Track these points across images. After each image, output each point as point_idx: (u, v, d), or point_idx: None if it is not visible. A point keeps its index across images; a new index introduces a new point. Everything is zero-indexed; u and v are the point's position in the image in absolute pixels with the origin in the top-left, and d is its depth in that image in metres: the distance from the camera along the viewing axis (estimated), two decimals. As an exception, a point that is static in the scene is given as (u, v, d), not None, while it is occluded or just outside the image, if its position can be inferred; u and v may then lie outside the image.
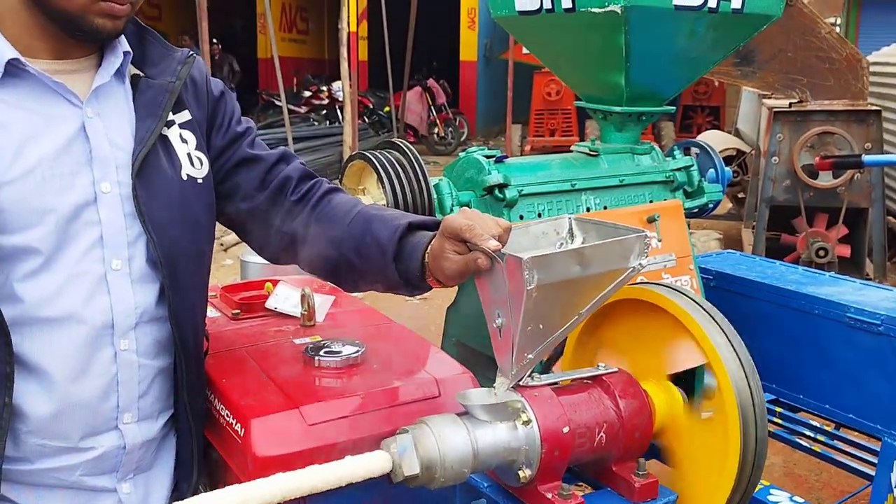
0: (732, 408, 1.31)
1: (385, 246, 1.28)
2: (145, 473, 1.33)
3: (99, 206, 1.19)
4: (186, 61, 1.33)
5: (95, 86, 1.22)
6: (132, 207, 1.22)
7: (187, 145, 1.31)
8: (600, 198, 2.31)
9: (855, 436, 2.79)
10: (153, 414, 1.31)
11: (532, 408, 1.22)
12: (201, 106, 1.36)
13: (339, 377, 1.46)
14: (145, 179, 1.23)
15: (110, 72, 1.25)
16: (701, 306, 1.38)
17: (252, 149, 1.42)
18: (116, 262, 1.21)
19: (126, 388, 1.24)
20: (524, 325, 1.18)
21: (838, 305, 2.23)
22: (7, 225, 1.12)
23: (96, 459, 1.23)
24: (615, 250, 1.19)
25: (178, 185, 1.28)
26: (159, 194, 1.24)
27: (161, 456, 1.36)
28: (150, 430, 1.31)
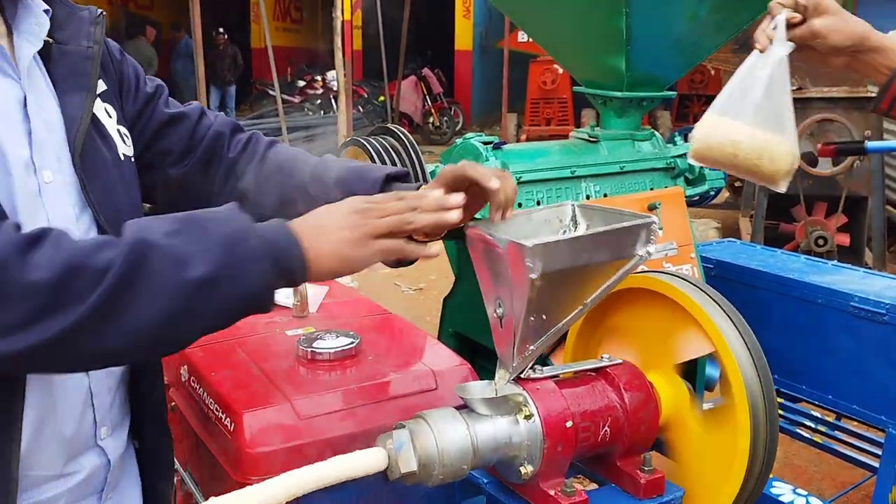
0: (742, 400, 1.26)
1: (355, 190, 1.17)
2: (118, 489, 1.20)
3: (43, 199, 1.03)
4: (97, 21, 1.15)
5: (32, 53, 1.05)
6: (79, 198, 1.07)
7: (112, 120, 1.15)
8: (600, 185, 2.27)
9: (856, 426, 2.77)
10: (119, 423, 1.19)
11: (534, 401, 1.18)
12: (108, 72, 1.19)
13: (333, 370, 1.41)
14: (87, 165, 1.07)
15: (41, 35, 1.06)
16: (708, 294, 1.34)
17: (168, 108, 1.27)
18: None
19: (99, 400, 1.12)
20: (526, 315, 1.13)
21: (842, 294, 2.20)
22: None
23: (81, 483, 1.11)
24: (621, 238, 1.14)
25: (119, 167, 1.13)
26: (104, 180, 1.10)
27: (127, 468, 1.23)
28: (121, 441, 1.19)
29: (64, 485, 1.09)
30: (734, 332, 1.32)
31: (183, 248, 0.93)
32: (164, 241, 0.93)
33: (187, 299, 0.92)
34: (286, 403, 1.29)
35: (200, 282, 0.92)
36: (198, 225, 0.97)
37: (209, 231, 0.96)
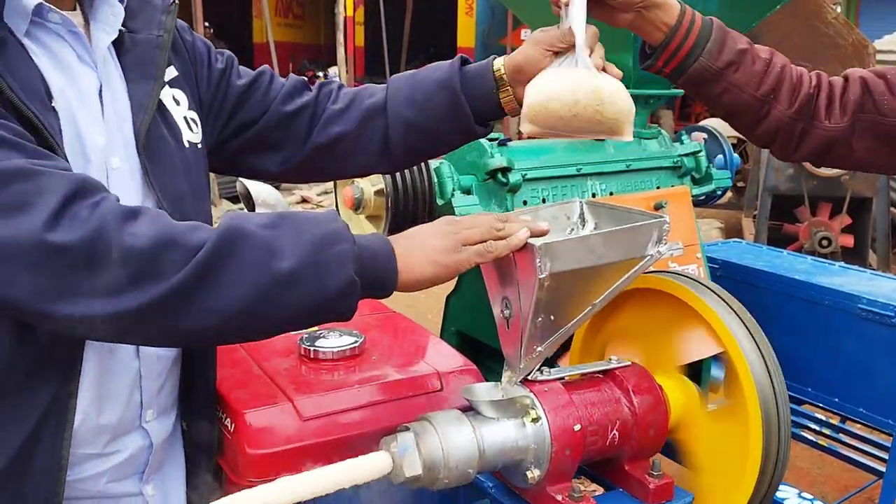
0: (753, 401, 1.24)
1: (446, 81, 1.25)
2: (161, 472, 1.23)
3: (110, 184, 1.06)
4: (169, 9, 1.18)
5: (107, 43, 1.09)
6: (143, 183, 1.10)
7: (180, 107, 1.19)
8: (606, 183, 2.24)
9: (861, 429, 2.74)
10: (168, 408, 1.22)
11: (541, 404, 1.15)
12: (181, 57, 1.23)
13: (336, 369, 1.38)
14: (152, 152, 1.11)
15: (116, 25, 1.10)
16: (717, 294, 1.31)
17: (241, 78, 1.31)
18: None
19: (148, 383, 1.14)
20: (534, 315, 1.11)
21: (849, 296, 2.17)
22: None
23: (123, 463, 1.14)
24: (632, 237, 1.12)
25: (182, 153, 1.17)
26: (167, 167, 1.13)
27: (173, 451, 1.26)
28: (168, 424, 1.22)
29: (106, 463, 1.12)
30: (744, 333, 1.30)
31: (274, 241, 0.95)
32: (257, 230, 0.95)
33: (269, 289, 0.94)
34: (288, 403, 1.26)
35: (284, 274, 0.94)
36: (293, 222, 0.99)
37: (302, 230, 0.98)
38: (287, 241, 0.96)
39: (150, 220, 0.93)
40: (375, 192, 1.99)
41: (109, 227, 0.89)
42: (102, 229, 0.89)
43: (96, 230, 0.89)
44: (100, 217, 0.90)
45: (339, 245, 0.98)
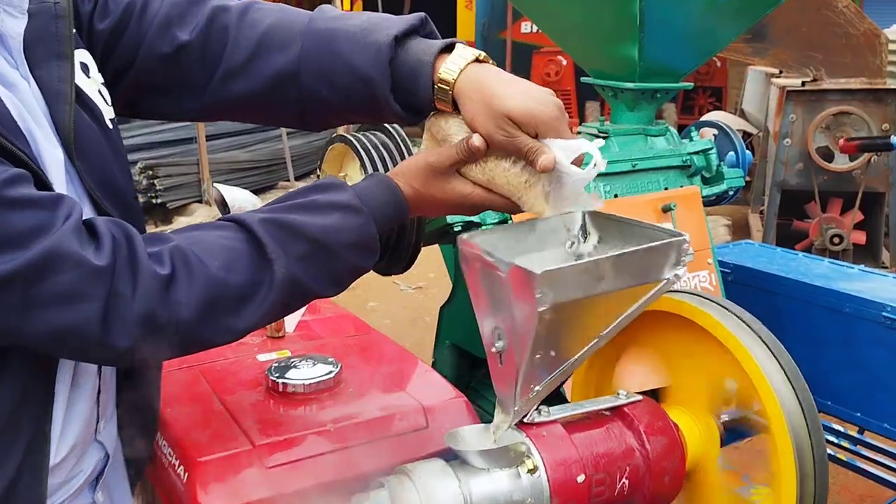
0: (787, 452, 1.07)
1: (369, 79, 1.04)
2: (105, 480, 1.11)
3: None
4: None
5: (21, 28, 0.92)
6: (76, 181, 0.96)
7: (91, 78, 1.01)
8: (610, 185, 2.08)
9: (880, 441, 2.60)
10: (112, 413, 1.11)
11: (539, 451, 0.99)
12: (81, 23, 1.05)
13: (308, 404, 1.22)
14: (79, 145, 0.95)
15: (24, 5, 0.93)
16: (746, 323, 1.15)
17: (106, 17, 1.08)
18: None
19: (104, 397, 1.05)
20: (532, 351, 0.94)
21: (872, 303, 2.06)
22: None
23: (85, 480, 1.05)
24: (647, 259, 0.95)
25: (108, 139, 1.01)
26: (97, 159, 0.98)
27: (116, 459, 1.14)
28: (113, 430, 1.11)
29: (73, 486, 1.03)
30: (773, 363, 1.14)
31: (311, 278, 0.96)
32: (297, 269, 0.93)
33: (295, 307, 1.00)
34: (249, 448, 1.10)
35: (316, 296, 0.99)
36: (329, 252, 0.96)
37: (341, 259, 0.97)
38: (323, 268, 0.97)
39: (187, 280, 0.88)
40: None
41: (154, 306, 0.86)
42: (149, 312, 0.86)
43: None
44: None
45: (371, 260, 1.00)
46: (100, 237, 0.84)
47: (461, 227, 1.87)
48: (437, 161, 1.03)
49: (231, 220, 0.95)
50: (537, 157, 0.98)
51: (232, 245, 0.91)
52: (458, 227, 1.87)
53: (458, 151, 1.02)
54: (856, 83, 4.53)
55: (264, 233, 0.92)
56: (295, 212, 0.96)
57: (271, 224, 0.93)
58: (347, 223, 0.96)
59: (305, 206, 0.96)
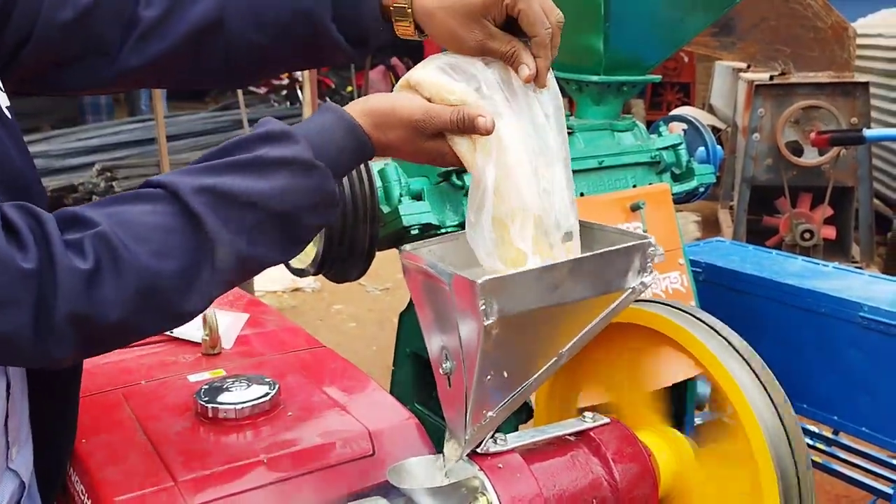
0: (765, 459, 0.98)
1: (306, 12, 0.95)
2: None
3: None
4: None
5: None
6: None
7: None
8: (576, 182, 1.95)
9: (855, 442, 2.55)
10: (25, 437, 1.00)
11: (494, 486, 0.88)
12: None
13: (241, 431, 1.10)
14: None
15: None
16: (713, 328, 1.05)
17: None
18: None
19: (13, 422, 0.95)
20: (481, 372, 0.83)
21: (849, 303, 2.00)
22: None
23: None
24: (608, 266, 0.84)
25: (4, 126, 0.89)
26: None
27: (30, 487, 1.04)
28: (28, 457, 1.01)
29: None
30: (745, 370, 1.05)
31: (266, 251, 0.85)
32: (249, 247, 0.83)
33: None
34: (171, 484, 0.98)
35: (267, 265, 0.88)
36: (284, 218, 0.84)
37: (295, 224, 0.85)
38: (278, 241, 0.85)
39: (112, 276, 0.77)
40: None
41: (78, 304, 0.76)
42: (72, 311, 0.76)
43: None
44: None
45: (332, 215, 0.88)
46: (19, 232, 0.74)
47: (419, 229, 1.77)
48: (424, 122, 0.89)
49: (161, 185, 0.81)
50: (516, 66, 0.90)
51: (164, 223, 0.79)
52: (416, 229, 1.77)
53: (454, 121, 0.88)
54: (824, 77, 4.48)
55: (201, 206, 0.80)
56: (236, 173, 0.83)
57: (208, 193, 0.80)
58: (300, 184, 0.84)
59: (248, 165, 0.83)
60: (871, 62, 5.71)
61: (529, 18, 0.90)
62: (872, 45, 5.68)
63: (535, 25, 0.90)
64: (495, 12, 0.91)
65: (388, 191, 1.79)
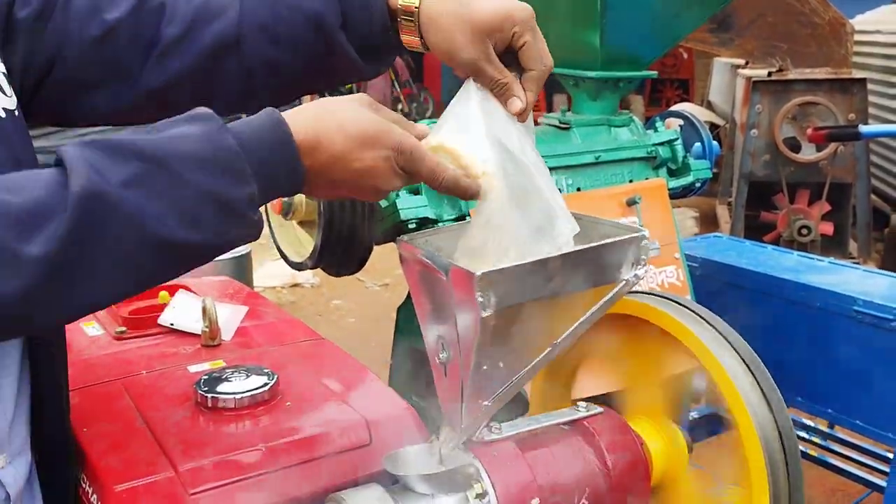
0: (755, 448, 0.99)
1: (318, 18, 0.95)
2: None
3: None
4: None
5: None
6: None
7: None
8: (573, 178, 2.00)
9: (850, 435, 2.56)
10: (21, 450, 0.97)
11: (489, 474, 0.90)
12: None
13: (240, 420, 1.11)
14: None
15: None
16: (709, 323, 1.07)
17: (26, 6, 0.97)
18: None
19: (2, 422, 0.91)
20: (478, 362, 0.85)
21: (843, 297, 2.01)
22: None
23: None
24: (602, 258, 0.86)
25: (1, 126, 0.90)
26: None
27: (32, 499, 1.01)
28: (23, 470, 0.97)
29: None
30: (739, 364, 1.06)
31: (146, 207, 0.73)
32: (121, 192, 0.72)
33: (152, 264, 0.76)
34: (171, 472, 0.99)
35: (172, 246, 0.75)
36: (168, 170, 0.75)
37: (183, 180, 0.75)
38: (165, 204, 0.74)
39: None
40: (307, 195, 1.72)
41: None
42: None
43: None
44: None
45: (241, 189, 0.77)
46: None
47: (416, 224, 1.78)
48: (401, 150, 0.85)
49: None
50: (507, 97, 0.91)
51: (34, 174, 0.74)
52: (414, 223, 1.78)
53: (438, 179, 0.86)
54: (821, 73, 4.50)
55: (78, 157, 0.73)
56: (129, 134, 0.78)
57: (93, 147, 0.75)
58: (191, 131, 0.77)
59: (147, 129, 0.79)
60: (869, 59, 5.72)
61: (532, 53, 0.92)
62: (871, 42, 5.69)
63: (535, 61, 0.92)
64: (500, 38, 0.91)
65: (386, 185, 1.80)
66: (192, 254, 0.78)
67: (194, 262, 0.79)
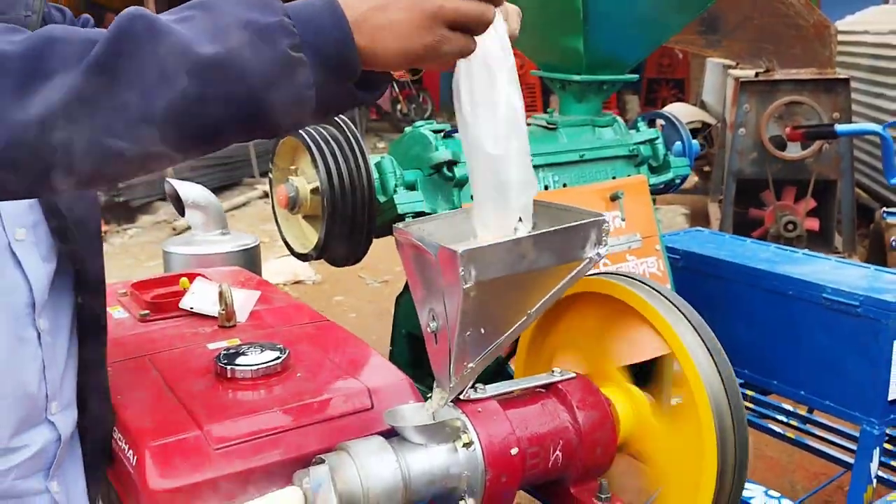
0: (703, 400, 1.14)
1: None
2: (63, 469, 1.15)
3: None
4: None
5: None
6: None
7: None
8: (559, 175, 2.13)
9: (828, 419, 2.68)
10: (70, 402, 1.14)
11: (474, 426, 1.04)
12: None
13: (255, 388, 1.26)
14: None
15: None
16: (661, 294, 1.21)
17: None
18: (20, 232, 1.02)
19: (51, 373, 1.08)
20: (462, 329, 0.99)
21: (813, 286, 2.12)
22: None
23: (31, 459, 1.08)
24: (568, 238, 1.00)
25: None
26: None
27: (73, 450, 1.18)
28: (71, 419, 1.14)
29: (13, 459, 1.06)
30: (689, 330, 1.20)
31: (188, 27, 0.75)
32: (166, 19, 0.76)
33: (192, 82, 0.74)
34: (197, 431, 1.14)
35: (206, 60, 0.74)
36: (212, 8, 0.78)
37: (225, 13, 0.77)
38: (205, 25, 0.76)
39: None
40: (311, 191, 1.86)
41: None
42: None
43: None
44: None
45: (267, 17, 0.77)
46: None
47: (412, 217, 1.91)
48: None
49: None
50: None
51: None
52: (410, 217, 1.91)
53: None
54: (806, 73, 4.63)
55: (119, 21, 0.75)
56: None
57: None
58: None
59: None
60: (857, 58, 5.84)
61: None
62: (859, 42, 5.81)
63: None
64: None
65: (384, 182, 1.93)
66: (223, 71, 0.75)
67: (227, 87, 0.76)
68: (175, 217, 7.09)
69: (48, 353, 1.07)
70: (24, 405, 1.05)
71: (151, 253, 6.12)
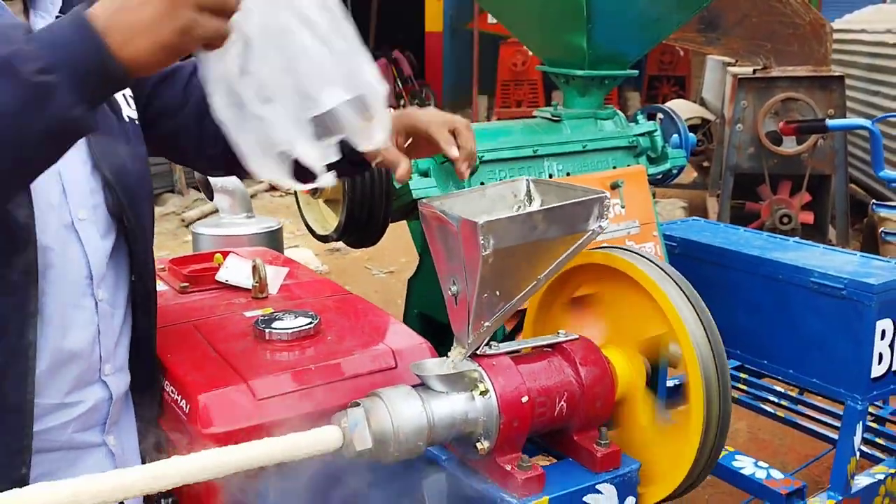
0: (695, 375, 1.27)
1: None
2: (119, 425, 1.29)
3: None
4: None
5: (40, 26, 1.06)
6: (86, 157, 1.15)
7: None
8: (563, 164, 2.27)
9: (818, 400, 2.81)
10: (123, 366, 1.28)
11: (489, 377, 1.18)
12: None
13: (291, 349, 1.40)
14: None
15: (54, 13, 1.11)
16: (664, 271, 1.34)
17: None
18: (82, 212, 1.16)
19: (106, 339, 1.21)
20: (480, 291, 1.13)
21: (802, 270, 2.21)
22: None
23: (86, 414, 1.20)
24: (574, 213, 1.14)
25: (121, 126, 1.21)
26: (107, 138, 1.17)
27: (127, 407, 1.33)
28: (123, 381, 1.28)
29: (70, 413, 1.18)
30: (689, 309, 1.33)
31: None
32: None
33: None
34: (242, 384, 1.28)
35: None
36: None
37: None
38: None
39: None
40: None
41: None
42: None
43: None
44: None
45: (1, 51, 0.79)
46: None
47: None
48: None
49: None
50: None
51: None
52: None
53: None
54: (802, 71, 4.76)
55: None
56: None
57: None
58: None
59: None
60: (854, 56, 5.97)
61: None
62: (856, 41, 5.94)
63: None
64: None
65: (399, 170, 2.06)
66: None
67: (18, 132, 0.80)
68: (183, 209, 7.23)
69: (104, 321, 1.20)
70: (79, 365, 1.17)
71: (160, 243, 6.27)
